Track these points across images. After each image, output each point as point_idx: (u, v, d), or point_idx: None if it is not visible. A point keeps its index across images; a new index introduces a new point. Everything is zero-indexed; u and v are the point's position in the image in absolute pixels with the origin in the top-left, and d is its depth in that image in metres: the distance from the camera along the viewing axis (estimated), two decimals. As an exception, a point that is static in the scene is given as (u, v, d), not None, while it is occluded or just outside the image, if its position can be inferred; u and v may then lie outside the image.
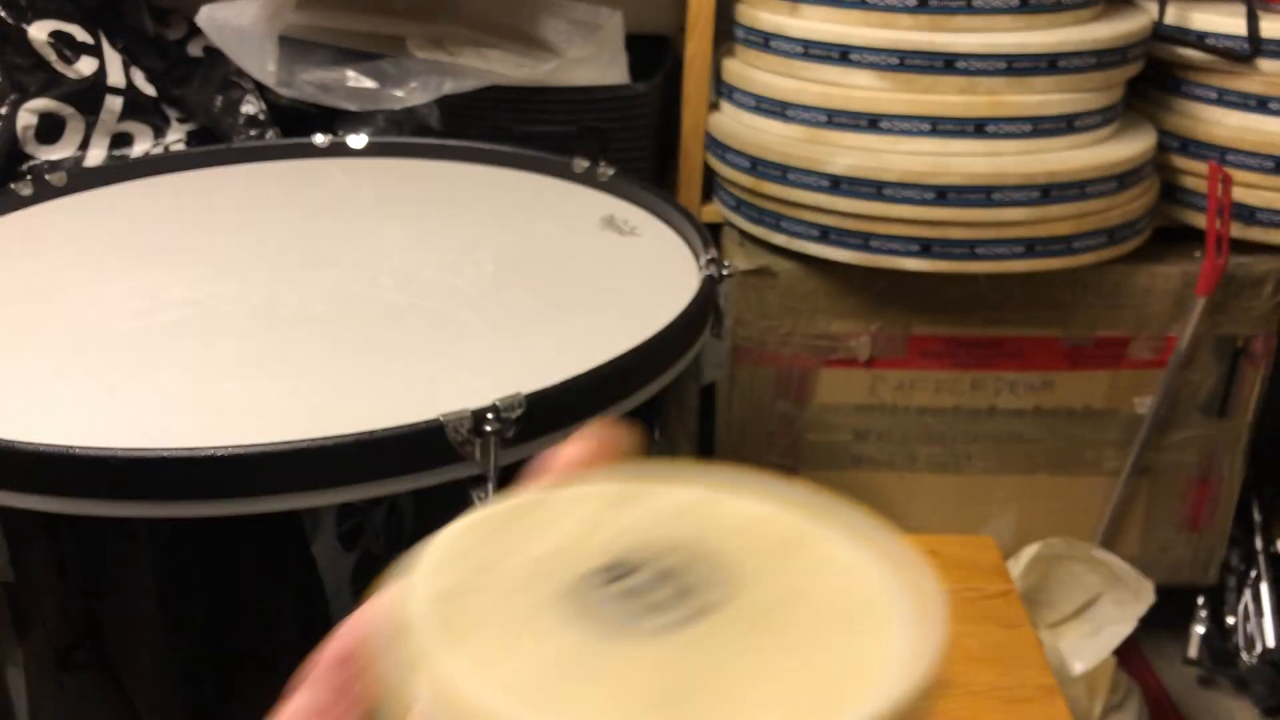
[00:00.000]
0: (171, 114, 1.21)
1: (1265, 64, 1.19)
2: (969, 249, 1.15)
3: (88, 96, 1.14)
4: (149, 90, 1.18)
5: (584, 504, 0.25)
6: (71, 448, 0.56)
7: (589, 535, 0.24)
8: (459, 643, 0.21)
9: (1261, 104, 1.20)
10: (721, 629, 0.21)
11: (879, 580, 0.22)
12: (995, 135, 1.14)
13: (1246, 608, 1.42)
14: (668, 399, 0.75)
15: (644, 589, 0.22)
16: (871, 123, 1.15)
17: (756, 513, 0.25)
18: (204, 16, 1.12)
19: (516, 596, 0.22)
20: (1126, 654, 1.33)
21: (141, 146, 1.17)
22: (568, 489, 0.26)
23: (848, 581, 0.22)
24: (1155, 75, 1.28)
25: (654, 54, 1.33)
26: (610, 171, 0.96)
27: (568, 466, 0.26)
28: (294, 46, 1.18)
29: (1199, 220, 1.25)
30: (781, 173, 1.18)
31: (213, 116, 1.19)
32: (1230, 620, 1.43)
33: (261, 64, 1.14)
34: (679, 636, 0.21)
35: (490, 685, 0.20)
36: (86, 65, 1.14)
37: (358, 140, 1.05)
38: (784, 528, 0.24)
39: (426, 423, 0.59)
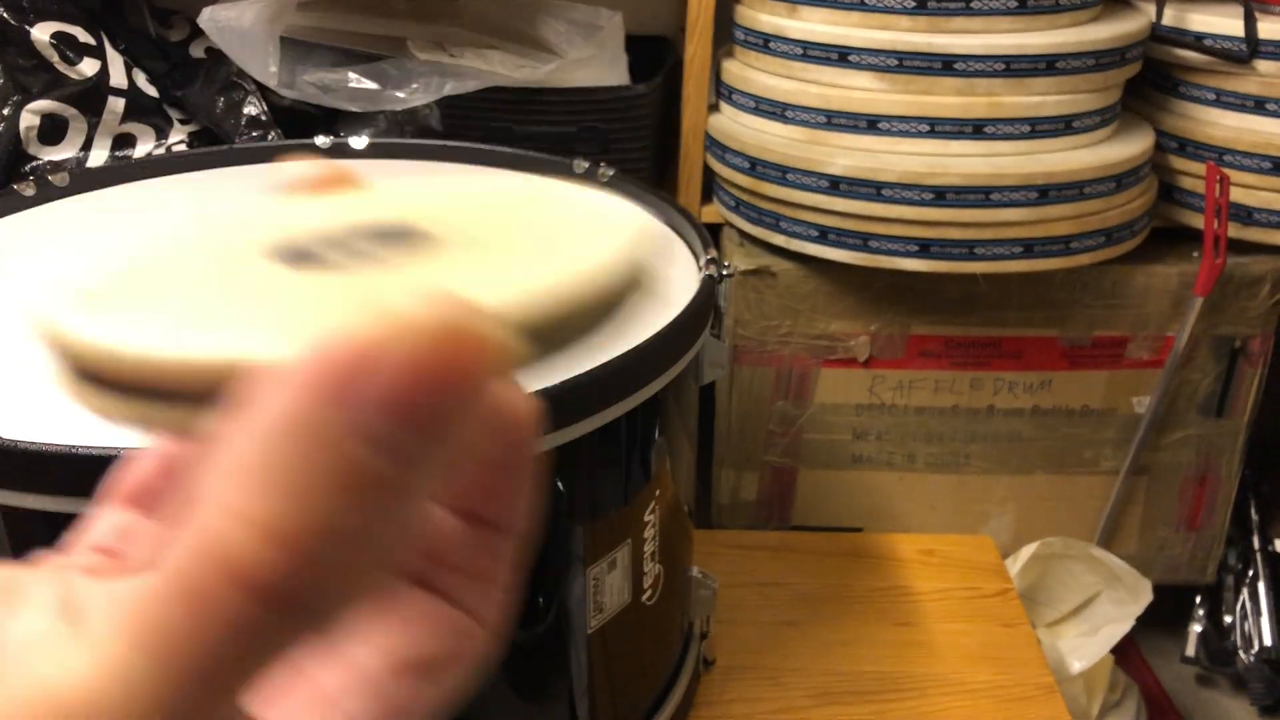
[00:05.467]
0: (174, 115, 1.21)
1: (1262, 65, 1.19)
2: (968, 249, 1.15)
3: (90, 98, 1.14)
4: (151, 91, 1.18)
5: (297, 204, 0.22)
6: (74, 447, 0.56)
7: (296, 219, 0.21)
8: (92, 307, 0.18)
9: (1259, 105, 1.21)
10: (422, 258, 0.19)
11: (599, 218, 0.20)
12: (993, 136, 1.14)
13: (1244, 606, 1.42)
14: (668, 399, 0.75)
15: (351, 246, 0.19)
16: (870, 124, 1.15)
17: (493, 186, 0.22)
18: (206, 18, 1.13)
19: (186, 266, 0.20)
20: (1124, 653, 1.34)
21: (144, 148, 1.17)
22: (285, 200, 0.23)
23: (564, 219, 0.20)
24: (1153, 76, 1.28)
25: (654, 55, 1.33)
26: (610, 172, 0.97)
27: (296, 187, 0.24)
28: (296, 48, 1.18)
29: (1197, 221, 1.26)
30: (781, 173, 1.18)
31: (215, 118, 1.20)
32: (1228, 619, 1.44)
33: (263, 65, 1.14)
34: (373, 269, 0.18)
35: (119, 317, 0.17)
36: (89, 66, 1.14)
37: (359, 141, 1.05)
38: (518, 195, 0.22)
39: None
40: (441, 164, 1.06)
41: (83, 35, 1.15)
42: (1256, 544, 1.44)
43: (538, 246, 0.19)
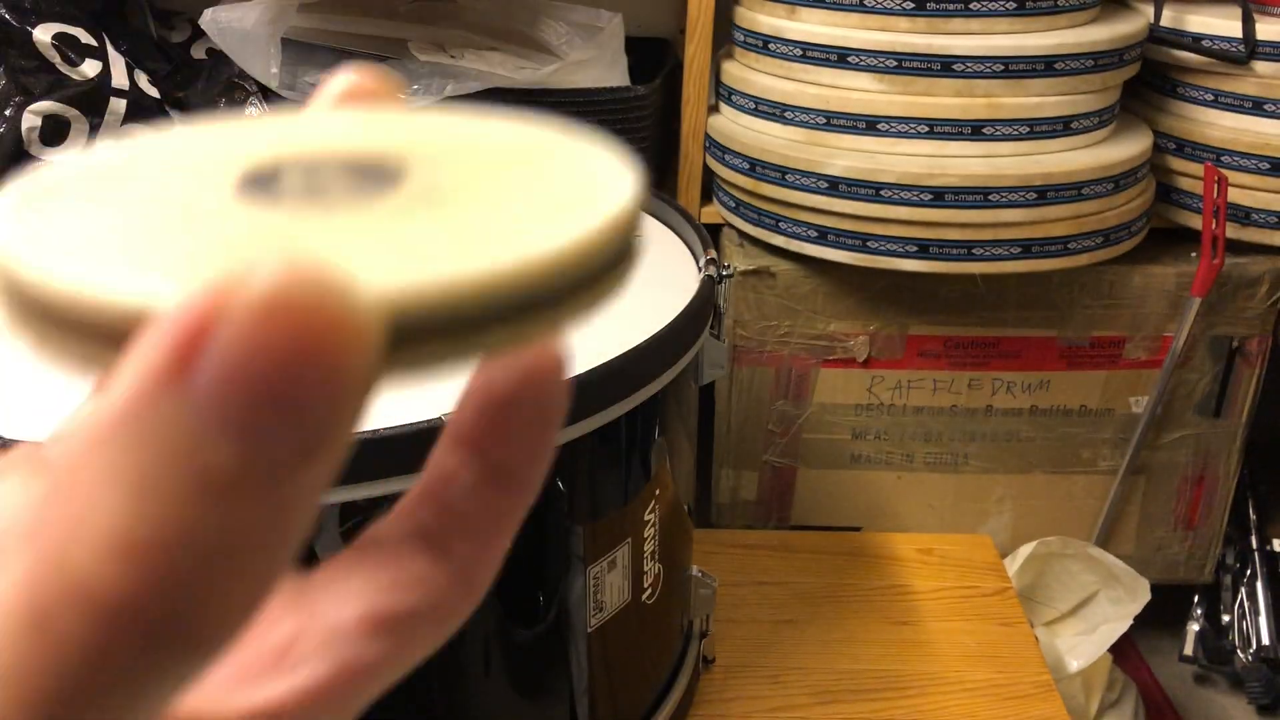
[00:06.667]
0: (175, 116, 1.21)
1: (1260, 66, 1.19)
2: (966, 250, 1.16)
3: (92, 99, 1.14)
4: (152, 93, 1.19)
5: (294, 120, 0.20)
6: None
7: (287, 140, 0.19)
8: (22, 214, 0.17)
9: (1257, 106, 1.21)
10: (384, 202, 0.17)
11: (595, 177, 0.18)
12: (992, 137, 1.14)
13: (1242, 605, 1.43)
14: (668, 399, 0.76)
15: (317, 179, 0.17)
16: (869, 125, 1.16)
17: (494, 127, 0.20)
18: (207, 19, 1.13)
19: (138, 180, 0.18)
20: (1122, 651, 1.34)
21: (145, 148, 1.18)
22: (292, 113, 0.21)
23: (559, 177, 0.18)
24: (1151, 77, 1.28)
25: (654, 56, 1.34)
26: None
27: (334, 98, 0.21)
28: (297, 49, 1.19)
29: (1195, 221, 1.26)
30: (780, 174, 1.18)
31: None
32: (1225, 618, 1.44)
33: (265, 66, 1.15)
34: (318, 210, 0.16)
35: (38, 241, 0.15)
36: (90, 68, 1.15)
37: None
38: (514, 141, 0.20)
39: (429, 421, 0.60)
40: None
41: (84, 36, 1.16)
42: (1254, 543, 1.44)
43: (510, 210, 0.17)
